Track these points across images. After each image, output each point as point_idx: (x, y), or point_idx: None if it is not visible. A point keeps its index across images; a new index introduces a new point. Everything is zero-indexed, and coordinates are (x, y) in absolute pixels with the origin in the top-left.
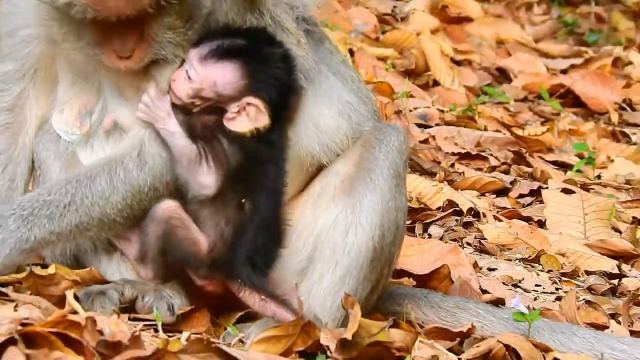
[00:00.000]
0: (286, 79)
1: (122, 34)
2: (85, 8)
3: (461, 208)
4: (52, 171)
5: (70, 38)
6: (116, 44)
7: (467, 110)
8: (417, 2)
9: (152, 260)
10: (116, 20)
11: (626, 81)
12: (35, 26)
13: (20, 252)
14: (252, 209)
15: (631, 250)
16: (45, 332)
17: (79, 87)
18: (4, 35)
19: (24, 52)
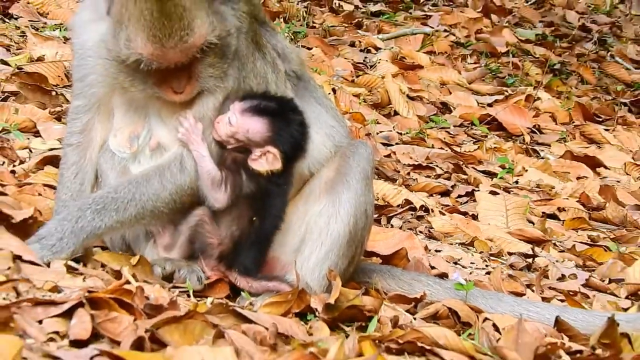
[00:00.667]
0: (299, 139)
1: (177, 75)
2: (151, 61)
3: (415, 205)
4: (109, 178)
5: (136, 83)
6: (173, 83)
7: (419, 133)
8: (382, 54)
9: (180, 247)
10: (173, 66)
11: (536, 112)
12: (100, 74)
13: (94, 237)
14: (257, 225)
15: (541, 236)
16: (106, 298)
17: (129, 117)
18: (76, 80)
19: (90, 92)
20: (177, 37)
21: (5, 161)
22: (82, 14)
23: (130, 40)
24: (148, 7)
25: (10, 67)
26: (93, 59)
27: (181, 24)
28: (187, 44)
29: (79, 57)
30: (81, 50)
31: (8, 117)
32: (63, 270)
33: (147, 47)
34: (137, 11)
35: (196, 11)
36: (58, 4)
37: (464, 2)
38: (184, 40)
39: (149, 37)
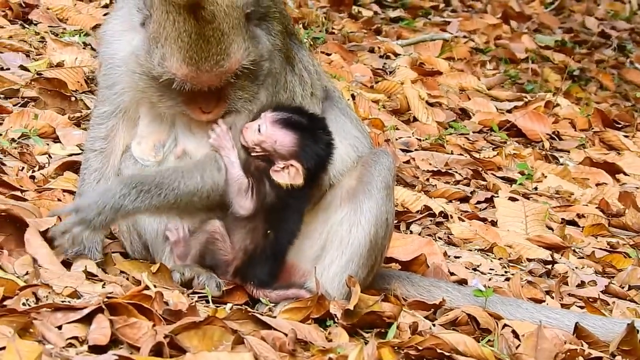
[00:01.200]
0: (324, 159)
1: (207, 97)
2: (184, 82)
3: (434, 211)
4: None
5: (165, 100)
6: (202, 103)
7: (438, 139)
8: (401, 60)
9: (192, 260)
10: (206, 89)
11: (555, 118)
12: (128, 85)
13: (129, 217)
14: (272, 239)
15: (560, 243)
16: (125, 303)
17: (155, 126)
18: (103, 87)
19: (117, 100)
20: (213, 61)
21: (24, 166)
22: (113, 23)
23: (165, 59)
24: (187, 30)
25: (29, 73)
26: (122, 69)
27: (218, 48)
28: (222, 68)
29: (107, 66)
30: (111, 60)
31: (27, 122)
32: (82, 276)
33: (182, 68)
34: (175, 32)
35: (234, 36)
36: (77, 10)
37: (483, 8)
38: (219, 64)
39: (185, 59)
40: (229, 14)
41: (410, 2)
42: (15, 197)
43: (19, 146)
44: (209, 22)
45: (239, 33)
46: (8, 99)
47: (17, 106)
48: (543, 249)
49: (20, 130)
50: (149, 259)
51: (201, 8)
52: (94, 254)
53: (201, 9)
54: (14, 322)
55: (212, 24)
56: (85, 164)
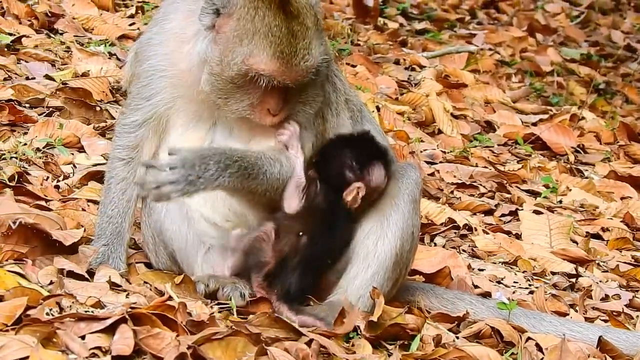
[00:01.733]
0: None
1: (277, 97)
2: (273, 78)
3: (458, 224)
4: None
5: (232, 102)
6: (271, 104)
7: (462, 151)
8: (426, 72)
9: (235, 254)
10: (291, 85)
11: (580, 131)
12: (171, 95)
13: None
14: (311, 250)
15: (585, 256)
16: (148, 314)
17: (190, 134)
18: (137, 97)
19: (152, 111)
20: (300, 55)
21: (49, 176)
22: (159, 35)
23: (252, 56)
24: (277, 24)
25: (55, 82)
26: (169, 81)
27: (304, 42)
28: (308, 63)
29: (147, 77)
30: (152, 71)
31: (52, 132)
32: (106, 287)
33: (272, 63)
34: (265, 27)
35: (315, 32)
36: (103, 19)
37: (509, 20)
38: (305, 59)
39: (276, 54)
40: (309, 11)
41: (436, 15)
42: (39, 206)
43: (44, 156)
44: (295, 17)
45: (317, 30)
46: (33, 109)
47: (42, 116)
48: (567, 262)
49: (45, 139)
50: (174, 270)
51: (289, 4)
52: (118, 264)
53: (289, 5)
54: (37, 331)
55: (298, 18)
56: (111, 173)
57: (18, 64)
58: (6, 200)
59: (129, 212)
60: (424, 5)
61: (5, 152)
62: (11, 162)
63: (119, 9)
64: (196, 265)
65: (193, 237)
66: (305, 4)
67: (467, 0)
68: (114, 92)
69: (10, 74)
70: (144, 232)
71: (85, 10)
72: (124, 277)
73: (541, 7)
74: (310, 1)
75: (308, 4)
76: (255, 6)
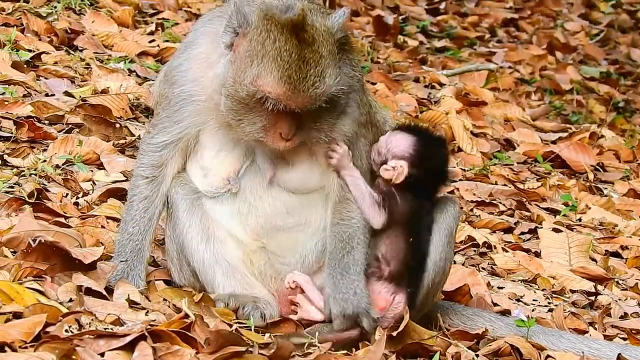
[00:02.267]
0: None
1: (289, 122)
2: (278, 102)
3: (478, 242)
4: (179, 209)
5: (244, 124)
6: (283, 129)
7: (482, 169)
8: (446, 90)
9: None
10: (296, 110)
11: (599, 149)
12: (201, 118)
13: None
14: (415, 248)
15: (604, 274)
16: (167, 331)
17: (223, 157)
18: (167, 119)
19: (181, 133)
20: (310, 82)
21: (68, 193)
22: (189, 61)
23: (260, 77)
24: (288, 49)
25: (74, 99)
26: (199, 106)
27: (316, 70)
28: (317, 90)
29: (177, 102)
30: (182, 96)
31: (72, 149)
32: (125, 304)
33: (278, 86)
34: (274, 51)
35: (329, 60)
36: (123, 36)
37: (529, 38)
38: (315, 86)
39: (283, 77)
40: (326, 39)
41: (456, 32)
42: (59, 223)
43: (63, 172)
44: (309, 44)
45: (333, 58)
46: (53, 125)
47: (61, 132)
48: (586, 280)
49: (65, 156)
50: (196, 286)
51: (303, 30)
52: (137, 281)
53: (303, 31)
54: (56, 348)
55: (312, 46)
56: (134, 190)
57: (37, 80)
58: (25, 217)
59: (150, 230)
60: (443, 23)
61: (24, 168)
62: (30, 179)
63: (138, 25)
64: (216, 283)
65: (211, 255)
66: (324, 31)
67: (487, 18)
68: (133, 109)
69: (29, 91)
70: (169, 247)
71: (105, 27)
72: (143, 295)
73: (561, 25)
74: (330, 29)
75: (327, 32)
76: (267, 29)
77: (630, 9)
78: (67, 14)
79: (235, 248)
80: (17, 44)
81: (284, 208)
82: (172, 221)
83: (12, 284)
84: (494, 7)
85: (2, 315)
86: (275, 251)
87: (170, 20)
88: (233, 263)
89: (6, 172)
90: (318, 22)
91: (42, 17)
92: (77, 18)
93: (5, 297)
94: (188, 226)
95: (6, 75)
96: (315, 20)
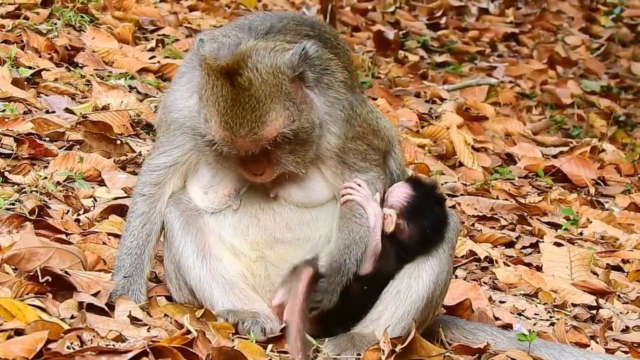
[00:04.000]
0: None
1: (254, 160)
2: (223, 145)
3: (479, 256)
4: (174, 228)
5: (219, 159)
6: (250, 166)
7: (483, 184)
8: (447, 105)
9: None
10: (244, 154)
11: (600, 163)
12: (193, 147)
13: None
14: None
15: (605, 288)
16: (169, 347)
17: (222, 176)
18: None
19: (178, 156)
20: (248, 127)
21: (69, 210)
22: (179, 89)
23: (207, 121)
24: (223, 94)
25: (75, 116)
26: (188, 135)
27: (253, 115)
28: (257, 135)
29: (174, 129)
30: (177, 125)
31: (73, 165)
32: (127, 320)
33: (219, 131)
34: (213, 96)
35: (271, 104)
36: (123, 53)
37: (530, 53)
38: (254, 131)
39: (222, 123)
40: (267, 82)
41: (457, 47)
42: (60, 240)
43: (64, 189)
44: (245, 89)
45: (279, 100)
46: (53, 142)
47: (62, 149)
48: (588, 294)
49: (66, 173)
50: (195, 305)
51: (237, 74)
52: (138, 296)
53: (237, 75)
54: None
55: (248, 90)
56: (132, 207)
57: (38, 97)
58: (27, 234)
59: (149, 245)
60: (444, 38)
61: (25, 185)
62: (31, 196)
63: (139, 42)
64: (214, 300)
65: (207, 272)
66: (268, 72)
67: (488, 32)
68: (134, 125)
69: (30, 108)
70: (166, 266)
71: (105, 43)
72: (144, 310)
73: (561, 39)
74: (279, 68)
75: (272, 73)
76: (207, 74)
77: (630, 22)
78: (67, 30)
79: (233, 262)
80: (17, 60)
81: (283, 222)
82: (167, 240)
83: (14, 300)
84: (495, 22)
85: (4, 332)
86: (275, 262)
87: (170, 37)
88: (230, 279)
89: (7, 189)
90: (261, 63)
91: (42, 34)
92: (78, 35)
93: (7, 314)
94: (183, 245)
95: (6, 92)
96: (258, 62)
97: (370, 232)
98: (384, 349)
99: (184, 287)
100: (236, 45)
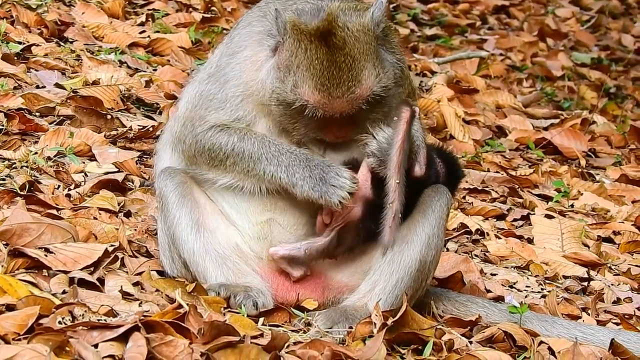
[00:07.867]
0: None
1: (339, 122)
2: (317, 109)
3: (471, 229)
4: (169, 201)
5: (298, 127)
6: (334, 129)
7: (474, 157)
8: (438, 78)
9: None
10: (338, 115)
11: (591, 135)
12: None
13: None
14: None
15: (596, 260)
16: (161, 321)
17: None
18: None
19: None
20: (345, 87)
21: (60, 185)
22: (240, 65)
23: (297, 87)
24: (318, 57)
25: (65, 91)
26: (245, 103)
27: (350, 74)
28: (354, 94)
29: (236, 95)
30: (233, 97)
31: (63, 140)
32: (119, 295)
33: (314, 95)
34: (306, 60)
35: (365, 62)
36: (113, 27)
37: (520, 25)
38: (351, 91)
39: (317, 86)
40: (360, 39)
41: (447, 20)
42: (51, 215)
43: (55, 164)
44: (339, 48)
45: (370, 58)
46: (44, 117)
47: (52, 124)
48: (579, 266)
49: (56, 148)
50: (189, 278)
51: (332, 35)
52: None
53: (332, 36)
54: (50, 340)
55: (342, 50)
56: (224, 139)
57: (28, 72)
58: (18, 210)
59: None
60: (434, 11)
61: (16, 161)
62: (22, 171)
63: (129, 16)
64: (207, 273)
65: (201, 245)
66: (358, 31)
67: (478, 5)
68: (124, 100)
69: (20, 83)
70: (160, 239)
71: (95, 18)
72: (136, 285)
73: (552, 12)
74: (366, 27)
75: (362, 31)
76: (298, 39)
77: None
78: (57, 5)
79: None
80: (7, 36)
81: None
82: (162, 213)
83: (5, 276)
84: None
85: None
86: (282, 224)
87: (160, 11)
88: (224, 252)
89: None
90: (351, 22)
91: (32, 9)
92: (67, 10)
93: None
94: (178, 217)
95: None
96: (348, 21)
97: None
98: (376, 322)
99: (177, 260)
100: (317, 9)
